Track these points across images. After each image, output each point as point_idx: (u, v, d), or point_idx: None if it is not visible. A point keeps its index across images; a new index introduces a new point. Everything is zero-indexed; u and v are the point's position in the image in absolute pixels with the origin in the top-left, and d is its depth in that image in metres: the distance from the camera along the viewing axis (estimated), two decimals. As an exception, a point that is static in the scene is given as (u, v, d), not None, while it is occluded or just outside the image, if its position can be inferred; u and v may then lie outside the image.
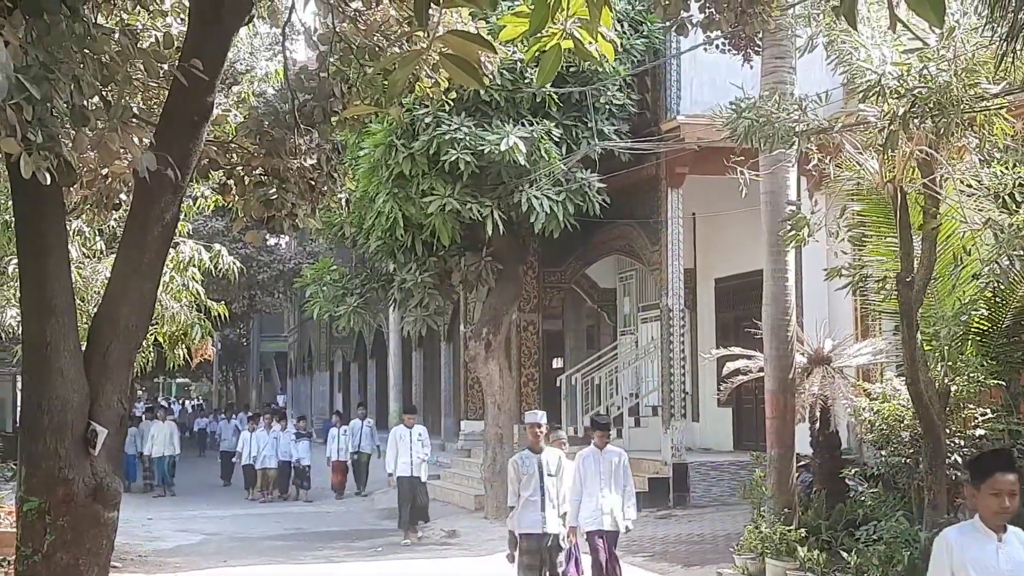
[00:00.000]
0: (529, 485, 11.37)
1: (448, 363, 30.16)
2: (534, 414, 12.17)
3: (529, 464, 11.46)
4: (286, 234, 9.63)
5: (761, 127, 10.52)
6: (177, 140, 6.81)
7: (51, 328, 6.47)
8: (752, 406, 20.50)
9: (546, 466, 11.45)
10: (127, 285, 6.77)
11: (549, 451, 11.61)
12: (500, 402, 20.28)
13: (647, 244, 20.50)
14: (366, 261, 23.34)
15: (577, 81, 18.76)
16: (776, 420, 13.98)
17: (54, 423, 6.43)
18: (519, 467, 11.45)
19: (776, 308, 14.04)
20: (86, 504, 6.47)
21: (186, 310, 14.40)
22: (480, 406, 23.84)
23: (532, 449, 11.61)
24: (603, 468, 11.99)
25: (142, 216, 6.79)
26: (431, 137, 17.49)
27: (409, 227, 18.74)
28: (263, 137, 8.22)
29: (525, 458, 11.54)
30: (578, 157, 18.41)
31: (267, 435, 27.02)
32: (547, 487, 11.38)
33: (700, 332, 22.58)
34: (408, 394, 32.31)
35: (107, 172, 7.99)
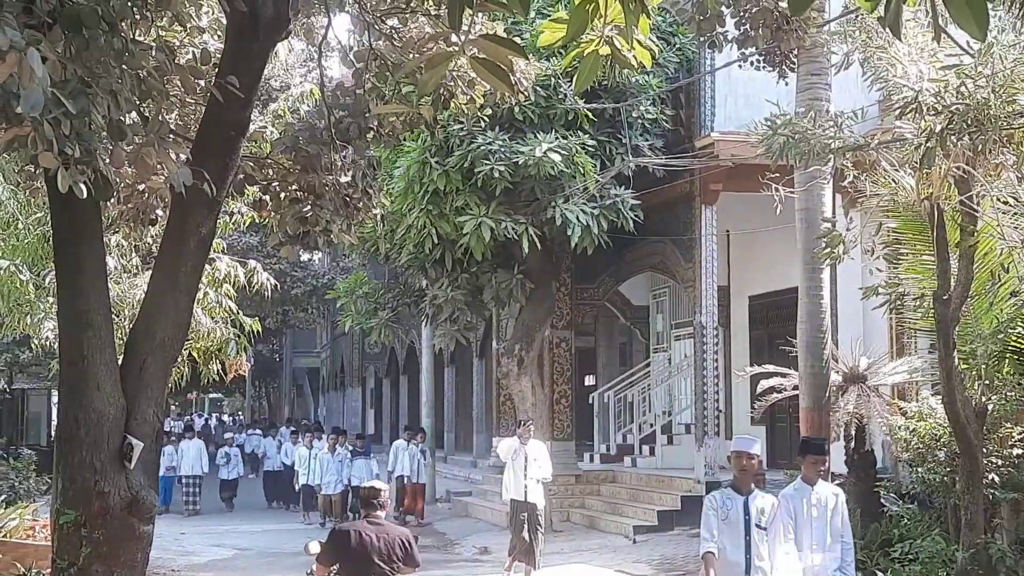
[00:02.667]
0: (730, 536, 8.42)
1: (480, 380, 30.11)
2: (747, 441, 8.93)
3: (732, 507, 8.45)
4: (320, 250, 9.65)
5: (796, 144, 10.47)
6: (213, 155, 6.86)
7: (88, 341, 6.52)
8: (786, 424, 20.37)
9: (756, 514, 8.42)
10: (163, 299, 6.81)
11: (762, 496, 8.57)
12: (532, 419, 20.21)
13: (680, 261, 20.44)
14: (398, 276, 23.37)
15: (610, 96, 18.75)
16: (811, 438, 13.85)
17: (90, 436, 6.47)
18: (716, 508, 8.51)
19: (811, 326, 13.96)
20: (121, 517, 6.51)
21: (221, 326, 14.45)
22: (513, 423, 23.78)
23: (737, 488, 8.52)
24: (815, 513, 9.00)
25: (178, 231, 6.84)
26: (465, 152, 17.53)
27: (441, 243, 18.77)
28: (299, 153, 8.26)
29: (727, 498, 8.51)
30: (612, 173, 18.39)
31: (331, 457, 24.67)
32: (754, 542, 8.36)
33: (734, 349, 22.46)
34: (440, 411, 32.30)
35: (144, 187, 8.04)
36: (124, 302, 13.39)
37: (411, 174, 18.14)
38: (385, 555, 8.10)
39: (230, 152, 6.98)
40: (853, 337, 15.75)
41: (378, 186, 9.09)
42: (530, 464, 15.73)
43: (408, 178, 18.22)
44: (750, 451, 8.61)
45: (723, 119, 19.16)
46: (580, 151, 17.77)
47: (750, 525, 8.35)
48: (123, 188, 7.84)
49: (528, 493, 15.65)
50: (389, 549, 8.13)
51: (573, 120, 18.47)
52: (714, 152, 18.48)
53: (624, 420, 24.05)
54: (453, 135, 17.64)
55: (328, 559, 8.22)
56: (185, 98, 8.00)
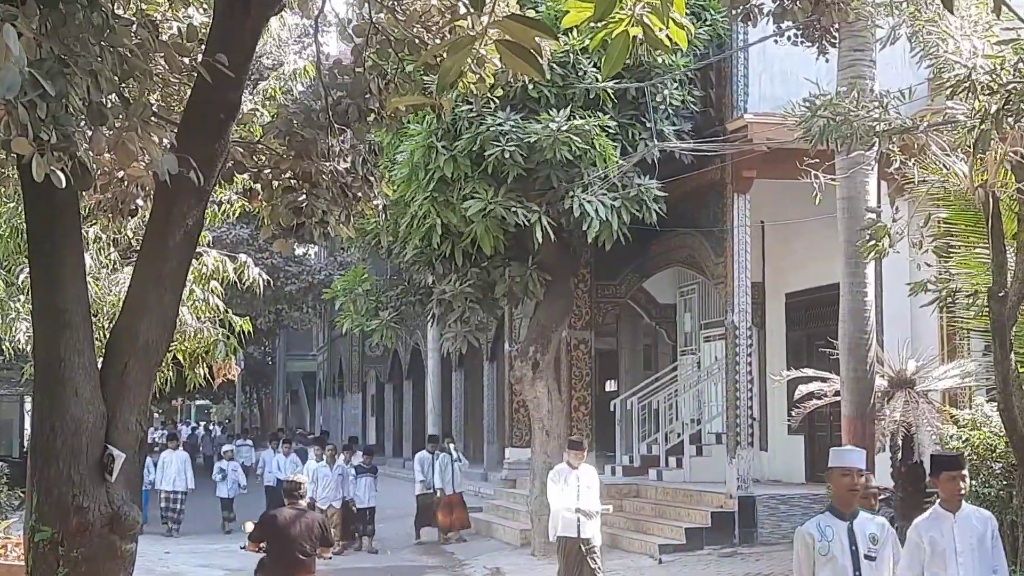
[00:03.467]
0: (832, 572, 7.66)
1: (491, 385, 30.17)
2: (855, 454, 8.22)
3: (834, 537, 7.67)
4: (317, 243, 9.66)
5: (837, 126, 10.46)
6: (200, 141, 6.89)
7: (65, 343, 6.55)
8: (827, 433, 20.35)
9: (865, 542, 7.65)
10: (147, 297, 6.85)
11: (869, 519, 7.92)
12: (549, 427, 20.25)
13: (711, 255, 20.43)
14: (402, 272, 23.42)
15: (634, 76, 18.75)
16: (853, 449, 13.85)
17: (68, 446, 6.50)
18: (815, 538, 7.69)
19: (854, 325, 13.95)
20: (102, 534, 6.54)
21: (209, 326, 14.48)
22: (527, 432, 23.80)
23: (838, 511, 7.83)
24: (961, 539, 8.22)
25: (163, 223, 6.87)
26: (474, 134, 17.55)
27: (448, 235, 18.79)
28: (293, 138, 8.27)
29: (827, 526, 7.74)
30: (636, 159, 18.39)
31: (329, 471, 23.65)
32: None
33: (769, 352, 22.45)
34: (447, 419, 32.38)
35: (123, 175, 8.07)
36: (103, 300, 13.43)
37: (415, 160, 18.16)
38: (304, 536, 11.19)
39: (219, 137, 7.00)
40: (900, 338, 15.74)
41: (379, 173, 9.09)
42: (583, 493, 14.62)
43: (412, 164, 18.24)
44: (862, 466, 7.91)
45: (757, 100, 19.13)
46: (600, 134, 17.77)
47: (859, 557, 7.59)
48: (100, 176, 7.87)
49: (582, 527, 14.55)
50: (307, 532, 11.22)
51: (593, 101, 18.47)
52: (747, 136, 18.46)
53: (649, 429, 24.05)
54: (461, 117, 17.66)
55: (257, 538, 11.37)
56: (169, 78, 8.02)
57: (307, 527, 11.24)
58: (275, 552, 11.25)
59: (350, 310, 22.33)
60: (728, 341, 19.79)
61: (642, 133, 18.96)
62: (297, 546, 11.15)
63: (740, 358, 19.43)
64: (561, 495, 14.59)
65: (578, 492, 14.54)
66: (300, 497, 11.68)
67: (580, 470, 14.73)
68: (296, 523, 11.22)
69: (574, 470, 14.68)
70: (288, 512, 11.41)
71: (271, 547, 11.29)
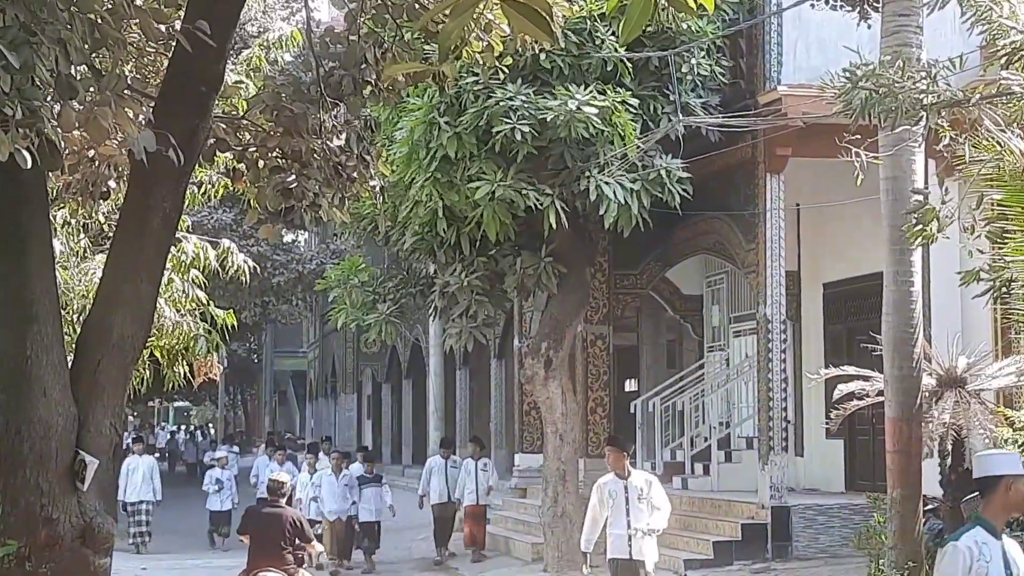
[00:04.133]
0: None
1: (500, 385, 30.19)
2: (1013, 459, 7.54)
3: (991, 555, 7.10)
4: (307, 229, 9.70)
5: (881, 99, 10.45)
6: (180, 116, 6.90)
7: (32, 339, 6.57)
8: (868, 437, 20.33)
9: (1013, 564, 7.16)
10: (121, 288, 6.86)
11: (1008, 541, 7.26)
12: (563, 432, 20.26)
13: (741, 241, 20.42)
14: (401, 261, 23.44)
15: (656, 44, 18.72)
16: (898, 455, 13.86)
17: (35, 452, 6.52)
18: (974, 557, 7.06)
19: (899, 319, 13.93)
20: (73, 548, 6.57)
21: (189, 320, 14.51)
22: (538, 436, 23.82)
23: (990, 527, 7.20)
24: None
25: (139, 206, 6.89)
26: (480, 109, 17.53)
27: (452, 220, 18.79)
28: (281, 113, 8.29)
29: (982, 543, 7.10)
30: (658, 136, 18.36)
31: (336, 480, 23.27)
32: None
33: (805, 348, 22.43)
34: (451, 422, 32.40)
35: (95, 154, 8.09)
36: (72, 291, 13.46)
37: (416, 137, 18.16)
38: (279, 531, 13.86)
39: (200, 112, 7.01)
40: (950, 332, 15.72)
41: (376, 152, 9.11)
42: (634, 507, 13.48)
43: (412, 142, 18.24)
44: None
45: (792, 70, 19.11)
46: (619, 109, 17.76)
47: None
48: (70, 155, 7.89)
49: (634, 548, 13.41)
50: (283, 527, 13.90)
51: (611, 72, 18.46)
52: (781, 110, 18.43)
53: (673, 433, 24.04)
54: (466, 90, 17.65)
55: (243, 530, 14.46)
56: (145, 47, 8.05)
57: (282, 523, 14.01)
58: (256, 544, 14.02)
59: (344, 303, 22.34)
60: (760, 336, 19.78)
61: (665, 107, 18.92)
62: (274, 540, 13.89)
63: (773, 355, 19.42)
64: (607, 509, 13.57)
65: (628, 506, 13.51)
66: (282, 496, 14.54)
67: (632, 479, 13.71)
68: (275, 519, 14.04)
69: (625, 479, 13.65)
70: (267, 509, 14.41)
71: (252, 539, 14.11)
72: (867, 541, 14.71)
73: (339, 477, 23.32)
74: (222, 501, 27.44)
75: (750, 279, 20.48)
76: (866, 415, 17.82)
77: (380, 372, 43.98)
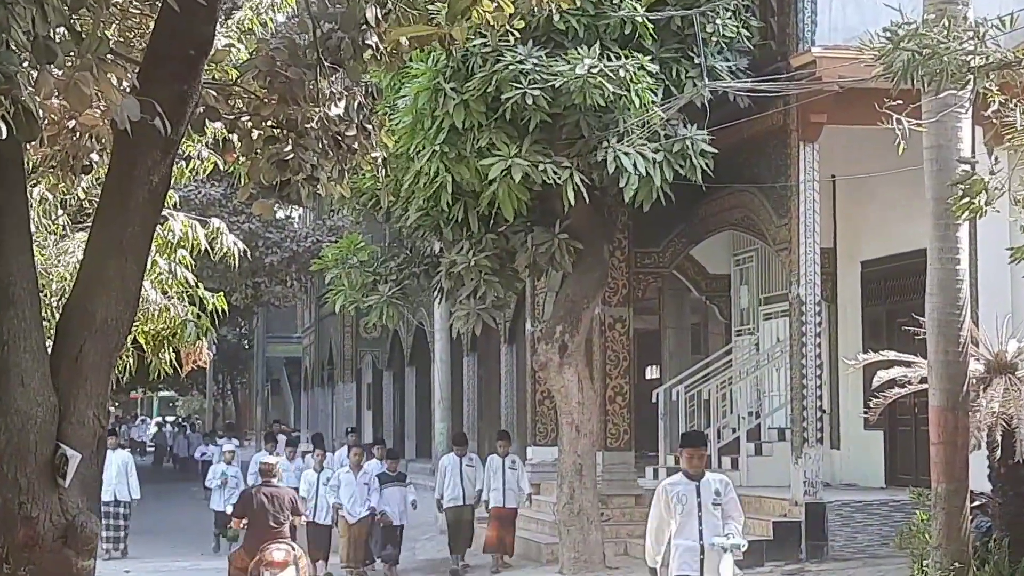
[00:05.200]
0: None
1: (510, 372, 30.20)
2: None
3: None
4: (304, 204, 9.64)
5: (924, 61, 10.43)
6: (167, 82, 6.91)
7: (8, 323, 6.58)
8: (911, 428, 20.34)
9: None
10: (105, 268, 6.87)
11: None
12: (579, 422, 20.29)
13: (772, 216, 20.41)
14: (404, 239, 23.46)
15: (679, 3, 18.70)
16: (943, 446, 13.87)
17: (13, 445, 6.54)
18: None
19: (943, 299, 13.92)
20: (54, 549, 6.59)
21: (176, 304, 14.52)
22: (553, 428, 23.86)
23: None
24: None
25: (123, 179, 6.89)
26: (489, 74, 17.50)
27: (460, 195, 18.79)
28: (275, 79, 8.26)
29: None
30: (681, 103, 18.35)
31: (354, 479, 22.63)
32: None
33: (842, 331, 22.43)
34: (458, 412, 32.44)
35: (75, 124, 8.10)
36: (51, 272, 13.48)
37: (420, 105, 18.15)
38: (277, 510, 16.76)
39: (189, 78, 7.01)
40: (1000, 314, 15.70)
41: (378, 121, 9.11)
42: (707, 514, 12.16)
43: (416, 110, 18.24)
44: None
45: (827, 30, 19.06)
46: (639, 75, 17.73)
47: None
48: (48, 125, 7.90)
49: (707, 565, 12.09)
50: (280, 505, 16.83)
51: (630, 35, 18.42)
52: (815, 73, 18.41)
53: (698, 424, 24.05)
54: (474, 54, 17.64)
55: (240, 514, 17.32)
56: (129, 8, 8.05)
57: (279, 502, 16.97)
58: (253, 524, 16.78)
59: (342, 284, 22.36)
60: (793, 319, 19.78)
61: (689, 71, 18.90)
62: (272, 518, 16.71)
63: (807, 339, 19.41)
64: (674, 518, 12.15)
65: (700, 513, 12.13)
66: (273, 476, 17.62)
67: (705, 482, 12.28)
68: (271, 499, 16.91)
69: (696, 481, 12.23)
70: (263, 491, 17.25)
71: (250, 521, 16.88)
72: (909, 540, 14.73)
73: (359, 475, 22.62)
74: (224, 500, 26.58)
75: (782, 257, 20.48)
76: (908, 404, 17.84)
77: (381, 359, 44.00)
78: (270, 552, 16.16)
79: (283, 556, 16.19)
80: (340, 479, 22.59)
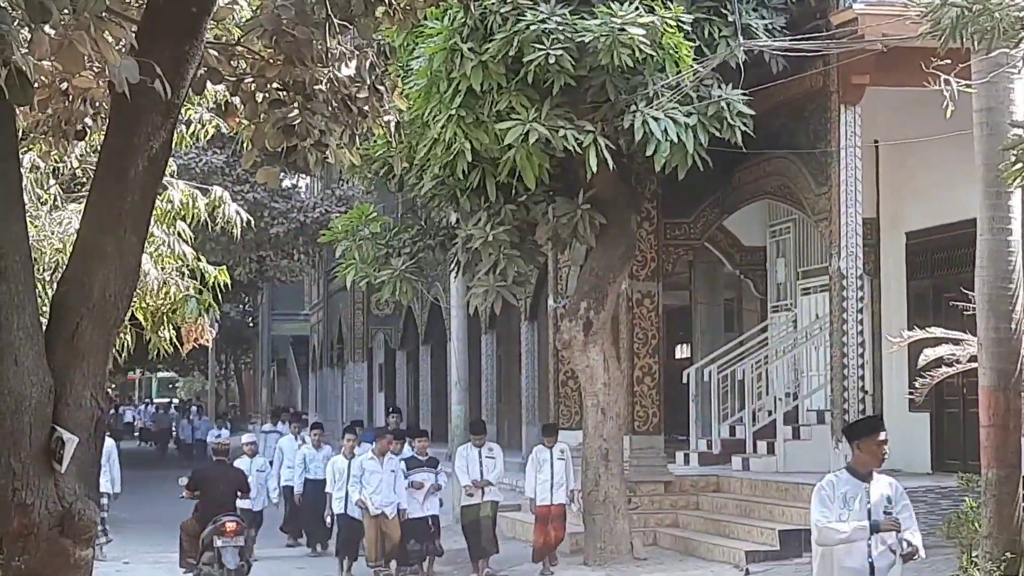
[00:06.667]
0: None
1: (531, 351, 30.26)
2: None
3: None
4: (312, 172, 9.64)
5: (975, 17, 10.40)
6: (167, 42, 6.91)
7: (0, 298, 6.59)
8: (959, 410, 20.32)
9: None
10: (102, 240, 6.88)
11: None
12: (605, 405, 20.31)
13: (810, 184, 20.37)
14: (418, 209, 23.47)
15: (712, -44, 18.69)
16: (994, 429, 13.85)
17: (6, 428, 6.55)
18: None
19: (994, 272, 13.90)
20: (51, 538, 6.61)
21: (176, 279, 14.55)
22: (577, 410, 23.88)
23: None
24: None
25: (121, 146, 6.90)
26: (510, 34, 17.46)
27: (478, 162, 18.77)
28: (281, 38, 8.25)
29: None
30: (715, 63, 18.30)
31: (380, 467, 21.18)
32: None
33: (885, 307, 22.37)
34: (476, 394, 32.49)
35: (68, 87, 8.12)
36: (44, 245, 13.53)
37: (435, 67, 18.13)
38: (226, 487, 19.81)
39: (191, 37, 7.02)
40: (1054, 288, 15.67)
41: (391, 83, 9.10)
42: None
43: (431, 72, 18.22)
44: None
45: (870, -16, 19.02)
46: (671, 29, 17.65)
47: None
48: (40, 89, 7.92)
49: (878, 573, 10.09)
50: (229, 483, 19.98)
51: (660, -11, 18.40)
52: (857, 31, 18.35)
53: (732, 406, 24.08)
54: (492, 11, 17.60)
55: (192, 488, 19.90)
56: (127, -37, 8.04)
57: (230, 481, 20.14)
58: (205, 498, 19.56)
59: (352, 257, 22.38)
60: (833, 293, 19.76)
61: (723, 30, 18.87)
62: (227, 493, 19.69)
63: (848, 315, 19.40)
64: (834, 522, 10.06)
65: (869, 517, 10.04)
66: (224, 454, 21.31)
67: (875, 483, 10.19)
68: (220, 477, 20.12)
69: (863, 483, 10.17)
70: (215, 468, 20.85)
71: (202, 495, 19.65)
72: (957, 529, 14.72)
73: (384, 462, 21.21)
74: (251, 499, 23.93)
75: (821, 228, 20.45)
76: (956, 384, 17.83)
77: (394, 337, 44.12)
78: (223, 523, 18.75)
79: (234, 527, 18.81)
80: (363, 467, 21.15)
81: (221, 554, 18.74)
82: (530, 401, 30.27)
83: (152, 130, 6.91)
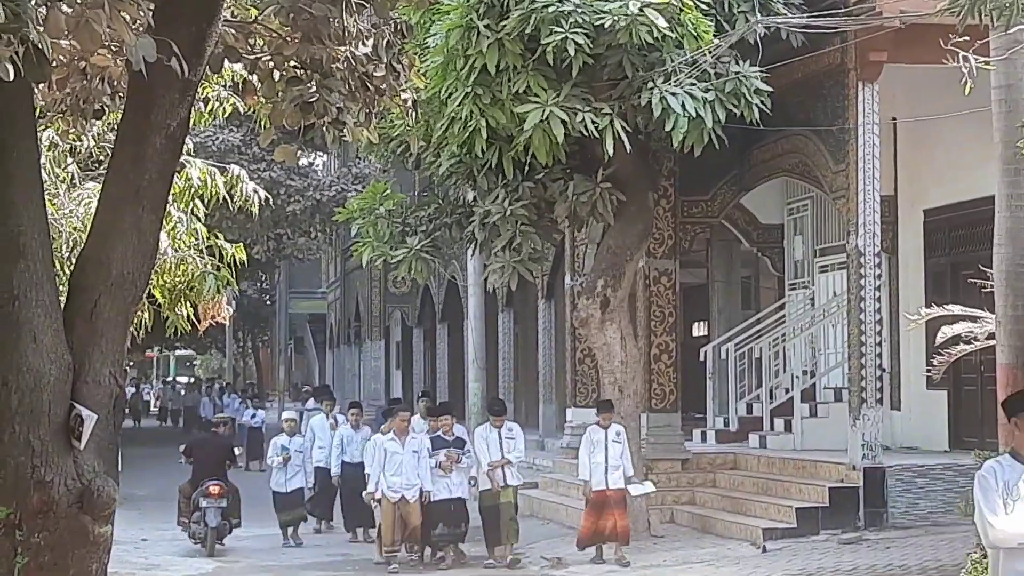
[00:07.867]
0: None
1: (548, 329, 30.26)
2: None
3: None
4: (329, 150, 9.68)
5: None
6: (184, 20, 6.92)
7: (19, 276, 6.61)
8: (976, 388, 20.30)
9: None
10: (121, 218, 6.90)
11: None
12: (622, 382, 20.31)
13: (828, 162, 20.32)
14: (435, 187, 23.46)
15: (730, -68, 18.61)
16: (1012, 407, 13.82)
17: (25, 405, 6.58)
18: None
19: (1013, 250, 13.86)
20: (70, 515, 6.64)
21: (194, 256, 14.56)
22: (594, 388, 23.89)
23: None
24: None
25: (139, 124, 6.91)
26: (527, 13, 17.42)
27: (495, 140, 18.74)
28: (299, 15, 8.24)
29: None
30: (734, 39, 18.25)
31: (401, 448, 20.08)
32: None
33: (903, 285, 22.37)
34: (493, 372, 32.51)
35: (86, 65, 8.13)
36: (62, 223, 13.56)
37: (451, 45, 18.09)
38: (217, 455, 22.48)
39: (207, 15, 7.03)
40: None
41: (408, 61, 9.09)
42: None
43: (448, 50, 18.18)
44: None
45: (889, -40, 18.95)
46: (690, 6, 17.60)
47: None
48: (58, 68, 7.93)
49: None
50: (218, 452, 22.67)
51: (677, -34, 18.34)
52: (875, 7, 18.28)
53: (749, 384, 24.07)
54: (509, -12, 17.58)
55: (188, 454, 22.88)
56: (143, -59, 8.04)
57: (218, 449, 22.81)
58: (197, 464, 22.37)
59: (369, 236, 22.39)
60: (850, 271, 19.72)
61: (741, 5, 18.81)
62: (218, 461, 22.33)
63: (866, 293, 19.36)
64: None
65: None
66: (217, 427, 24.63)
67: None
68: (210, 446, 22.99)
69: None
70: (206, 437, 24.37)
71: (195, 461, 22.49)
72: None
73: (406, 442, 20.19)
74: (286, 479, 23.56)
75: (839, 205, 20.40)
76: (974, 362, 17.79)
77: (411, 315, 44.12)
78: (207, 486, 21.37)
79: (217, 490, 21.43)
80: (385, 448, 20.10)
81: (205, 513, 21.49)
82: (547, 379, 30.27)
83: (169, 108, 6.92)
